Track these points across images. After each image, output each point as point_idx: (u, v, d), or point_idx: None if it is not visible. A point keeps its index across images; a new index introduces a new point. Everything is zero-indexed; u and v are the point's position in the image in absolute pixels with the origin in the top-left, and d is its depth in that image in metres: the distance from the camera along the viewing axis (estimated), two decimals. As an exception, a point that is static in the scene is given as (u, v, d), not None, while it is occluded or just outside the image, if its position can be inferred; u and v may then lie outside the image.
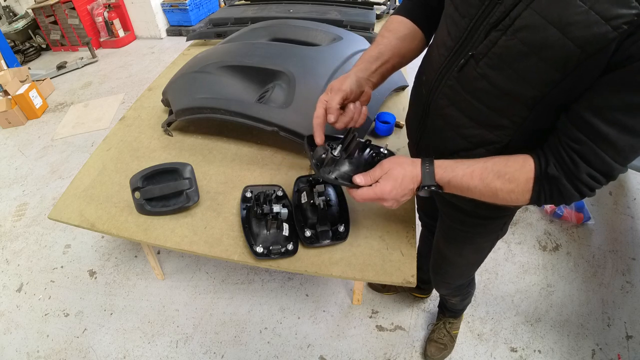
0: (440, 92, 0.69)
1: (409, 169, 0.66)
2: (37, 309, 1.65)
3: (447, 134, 0.71)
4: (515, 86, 0.56)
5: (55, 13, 3.85)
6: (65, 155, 2.53)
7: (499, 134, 0.64)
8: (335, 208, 0.98)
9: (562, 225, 1.84)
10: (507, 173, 0.60)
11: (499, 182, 0.60)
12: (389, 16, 0.85)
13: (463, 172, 0.63)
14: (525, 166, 0.59)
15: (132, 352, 1.47)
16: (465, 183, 0.63)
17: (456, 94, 0.66)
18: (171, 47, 3.93)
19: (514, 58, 0.54)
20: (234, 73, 1.26)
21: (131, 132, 1.34)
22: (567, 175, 0.56)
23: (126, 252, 1.85)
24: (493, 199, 0.63)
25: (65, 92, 3.31)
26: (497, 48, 0.56)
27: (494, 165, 0.61)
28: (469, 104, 0.64)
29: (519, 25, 0.52)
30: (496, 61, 0.57)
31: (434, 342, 1.40)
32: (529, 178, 0.59)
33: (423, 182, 0.65)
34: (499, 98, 0.60)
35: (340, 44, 1.38)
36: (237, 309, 1.58)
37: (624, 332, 1.44)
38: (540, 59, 0.51)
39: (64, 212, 1.07)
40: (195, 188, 1.04)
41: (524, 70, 0.54)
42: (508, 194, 0.61)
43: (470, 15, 0.59)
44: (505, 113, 0.61)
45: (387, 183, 0.66)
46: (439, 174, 0.65)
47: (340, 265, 0.90)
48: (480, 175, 0.62)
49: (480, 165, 0.62)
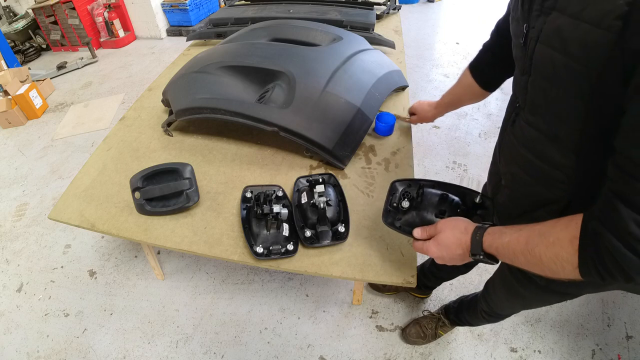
0: (503, 149, 0.73)
1: (458, 235, 0.63)
2: (37, 309, 1.65)
3: (514, 192, 0.73)
4: (553, 127, 0.57)
5: (56, 13, 3.85)
6: (66, 156, 2.53)
7: (555, 192, 0.61)
8: (335, 208, 0.98)
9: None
10: (551, 234, 0.50)
11: (542, 246, 0.50)
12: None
13: (510, 237, 0.56)
14: (571, 224, 0.48)
15: (132, 352, 1.47)
16: (511, 250, 0.55)
17: (513, 149, 0.68)
18: (171, 48, 3.93)
19: (542, 97, 0.56)
20: (234, 73, 1.26)
21: (131, 132, 1.34)
22: (610, 229, 0.43)
23: (126, 252, 1.85)
24: (539, 268, 0.52)
25: (66, 92, 3.31)
26: (529, 91, 0.58)
27: (541, 228, 0.52)
28: (523, 158, 0.65)
29: (535, 62, 0.54)
30: (532, 105, 0.59)
31: (418, 325, 1.42)
32: (573, 238, 0.47)
33: (472, 250, 0.61)
34: (546, 145, 0.59)
35: (340, 44, 1.38)
36: (237, 309, 1.58)
37: (624, 333, 1.44)
38: (559, 90, 0.52)
39: (64, 212, 1.07)
40: (195, 188, 1.04)
41: (554, 107, 0.55)
42: (553, 260, 0.49)
43: (520, 60, 0.61)
44: (555, 164, 0.58)
45: (433, 246, 0.66)
46: (487, 242, 0.59)
47: (340, 265, 0.90)
48: (525, 240, 0.53)
49: (528, 229, 0.54)
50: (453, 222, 0.66)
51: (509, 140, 0.69)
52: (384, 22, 2.05)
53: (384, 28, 1.97)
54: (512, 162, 0.70)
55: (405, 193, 0.79)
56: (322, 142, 1.10)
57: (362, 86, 1.23)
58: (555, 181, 0.60)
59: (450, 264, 0.67)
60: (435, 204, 0.77)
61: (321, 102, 1.14)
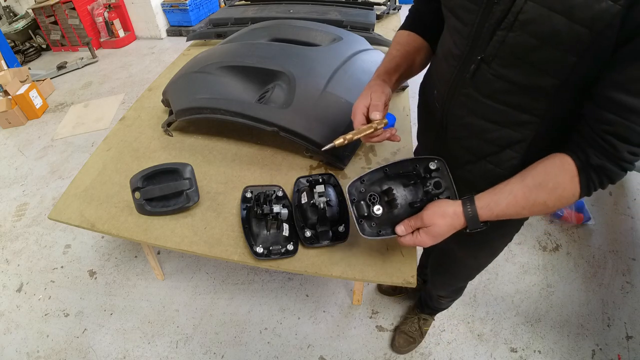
0: (456, 103, 0.69)
1: (450, 222, 0.65)
2: (37, 309, 1.65)
3: (471, 142, 0.71)
4: (533, 79, 0.57)
5: (56, 13, 3.85)
6: (66, 156, 2.53)
7: (523, 131, 0.64)
8: (335, 208, 0.98)
9: (562, 226, 1.84)
10: (549, 181, 0.59)
11: (544, 194, 0.59)
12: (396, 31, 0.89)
13: (507, 202, 0.61)
14: (565, 165, 0.58)
15: (132, 352, 1.47)
16: (512, 210, 0.61)
17: (473, 101, 0.66)
18: (171, 48, 3.93)
19: (526, 52, 0.54)
20: (234, 73, 1.26)
21: (131, 132, 1.34)
22: (610, 160, 0.55)
23: (126, 252, 1.85)
24: (545, 210, 0.61)
25: (66, 92, 3.31)
26: (506, 46, 0.56)
27: (534, 179, 0.60)
28: (488, 107, 0.64)
29: (524, 19, 0.52)
30: (509, 59, 0.57)
31: (404, 334, 1.43)
32: (573, 176, 0.57)
33: (470, 227, 0.65)
34: (518, 94, 0.60)
35: (340, 45, 1.38)
36: (237, 309, 1.58)
37: (624, 333, 1.44)
38: (553, 47, 0.52)
39: (64, 212, 1.07)
40: (195, 188, 1.04)
41: (539, 61, 0.54)
42: (558, 200, 0.59)
43: (471, 20, 0.59)
44: (526, 108, 0.61)
45: (427, 239, 0.67)
46: (484, 215, 0.63)
47: (340, 265, 0.90)
48: (523, 197, 0.60)
49: (520, 186, 0.61)
50: (440, 210, 0.67)
51: (467, 92, 0.66)
52: (384, 22, 2.05)
53: (384, 28, 1.97)
54: (470, 115, 0.68)
55: (371, 196, 0.74)
56: (322, 142, 1.10)
57: (362, 86, 1.21)
58: (524, 123, 0.62)
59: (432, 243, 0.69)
60: (404, 195, 0.74)
61: (321, 102, 1.14)
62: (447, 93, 0.70)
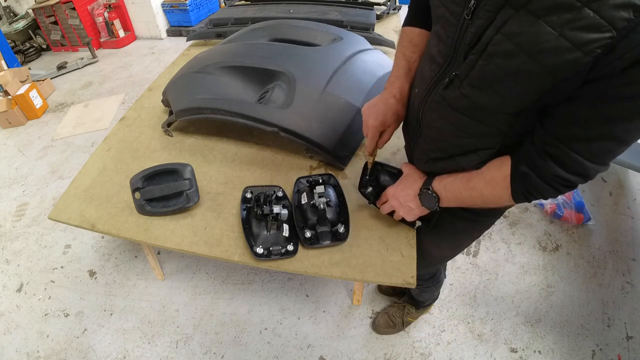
0: (429, 106, 0.71)
1: (402, 185, 0.83)
2: (37, 309, 1.65)
3: (441, 143, 0.73)
4: (496, 105, 0.58)
5: (56, 13, 3.85)
6: (66, 156, 2.53)
7: (488, 142, 0.65)
8: (335, 209, 0.98)
9: (562, 226, 1.84)
10: (487, 174, 0.66)
11: (481, 183, 0.66)
12: (401, 29, 0.87)
13: (454, 177, 0.71)
14: (503, 166, 0.63)
15: (132, 353, 1.47)
16: (456, 187, 0.70)
17: (443, 109, 0.67)
18: (171, 48, 3.92)
19: (491, 81, 0.55)
20: (234, 73, 1.26)
21: (131, 132, 1.34)
22: (536, 172, 0.58)
23: (126, 252, 1.85)
24: (482, 200, 0.68)
25: (66, 93, 3.31)
26: (475, 71, 0.56)
27: (480, 170, 0.67)
28: (456, 117, 0.65)
29: (492, 51, 0.52)
30: (477, 82, 0.58)
31: (387, 315, 1.47)
32: (505, 176, 0.62)
33: (423, 199, 0.77)
34: (483, 113, 0.61)
35: (340, 45, 1.38)
36: (237, 309, 1.58)
37: (624, 333, 1.44)
38: (517, 83, 0.52)
39: (64, 213, 1.07)
40: (195, 188, 1.04)
41: (504, 91, 0.55)
42: (492, 193, 0.65)
43: (452, 34, 0.60)
44: (491, 124, 0.62)
45: (394, 202, 0.85)
46: (435, 185, 0.75)
47: (340, 266, 0.90)
48: (467, 178, 0.68)
49: (469, 172, 0.69)
50: (398, 183, 0.85)
51: (439, 100, 0.67)
52: (384, 22, 2.05)
53: (384, 28, 1.97)
54: (440, 119, 0.69)
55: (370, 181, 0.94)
56: (322, 142, 1.10)
57: (362, 86, 1.23)
58: (490, 134, 0.64)
59: (409, 206, 0.81)
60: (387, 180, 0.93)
61: (321, 102, 1.14)
62: (425, 94, 0.71)
